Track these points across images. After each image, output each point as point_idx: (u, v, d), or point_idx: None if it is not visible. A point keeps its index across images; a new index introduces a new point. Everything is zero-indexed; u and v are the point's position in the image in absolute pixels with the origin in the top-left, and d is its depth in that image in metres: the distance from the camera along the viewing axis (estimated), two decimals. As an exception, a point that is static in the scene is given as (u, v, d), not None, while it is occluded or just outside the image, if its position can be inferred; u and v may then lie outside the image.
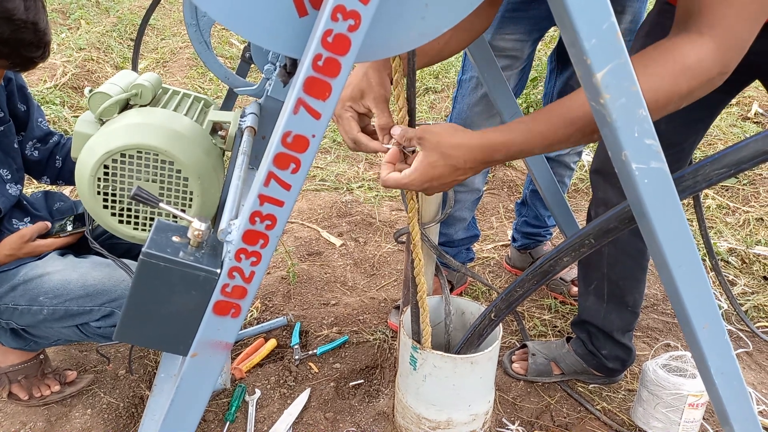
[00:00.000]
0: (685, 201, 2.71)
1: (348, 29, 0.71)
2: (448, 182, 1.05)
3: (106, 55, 4.66)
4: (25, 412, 1.62)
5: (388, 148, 1.06)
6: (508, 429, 1.61)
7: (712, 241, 2.46)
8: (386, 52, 0.79)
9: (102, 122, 1.29)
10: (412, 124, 1.07)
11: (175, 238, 0.86)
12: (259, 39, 0.77)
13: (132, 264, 1.40)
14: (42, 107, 1.60)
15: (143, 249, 0.82)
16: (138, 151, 1.19)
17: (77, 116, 3.64)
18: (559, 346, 1.79)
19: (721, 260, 2.38)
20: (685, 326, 0.97)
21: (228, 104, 1.82)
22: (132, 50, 4.99)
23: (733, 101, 3.70)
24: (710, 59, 0.91)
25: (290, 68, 1.18)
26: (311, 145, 0.77)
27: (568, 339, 1.80)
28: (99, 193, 1.22)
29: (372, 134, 1.14)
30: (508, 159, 1.05)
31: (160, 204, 0.88)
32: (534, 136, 0.99)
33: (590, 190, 2.97)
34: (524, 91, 3.75)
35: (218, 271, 0.84)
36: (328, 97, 0.75)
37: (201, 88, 4.38)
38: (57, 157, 1.64)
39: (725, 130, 3.36)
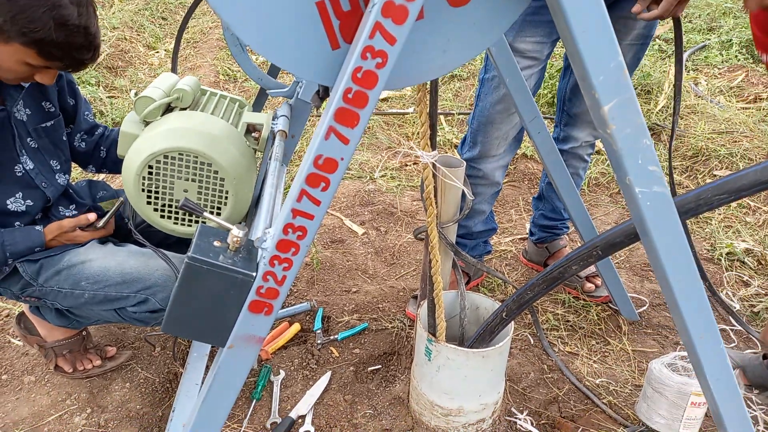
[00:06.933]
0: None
1: (376, 66, 0.78)
2: None
3: (138, 35, 4.77)
4: (70, 383, 1.76)
5: None
6: (516, 418, 1.71)
7: (729, 241, 2.49)
8: (409, 82, 0.87)
9: (146, 123, 1.39)
10: (433, 137, 1.14)
11: (216, 243, 0.96)
12: (295, 69, 0.85)
13: (169, 254, 1.51)
14: (78, 87, 1.69)
15: (188, 253, 0.91)
16: (179, 154, 1.28)
17: (112, 97, 3.77)
18: (753, 357, 1.79)
19: (737, 260, 2.42)
20: (684, 335, 1.05)
21: (259, 102, 1.91)
22: (162, 29, 5.08)
23: (764, 95, 3.64)
24: None
25: (322, 94, 1.26)
26: (340, 167, 0.86)
27: (765, 356, 1.77)
28: (143, 190, 1.32)
29: None
30: None
31: (204, 213, 0.97)
32: None
33: (610, 184, 3.00)
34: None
35: (254, 274, 0.93)
36: (357, 125, 0.83)
37: (230, 69, 4.47)
38: (102, 147, 1.75)
39: (752, 128, 3.34)
